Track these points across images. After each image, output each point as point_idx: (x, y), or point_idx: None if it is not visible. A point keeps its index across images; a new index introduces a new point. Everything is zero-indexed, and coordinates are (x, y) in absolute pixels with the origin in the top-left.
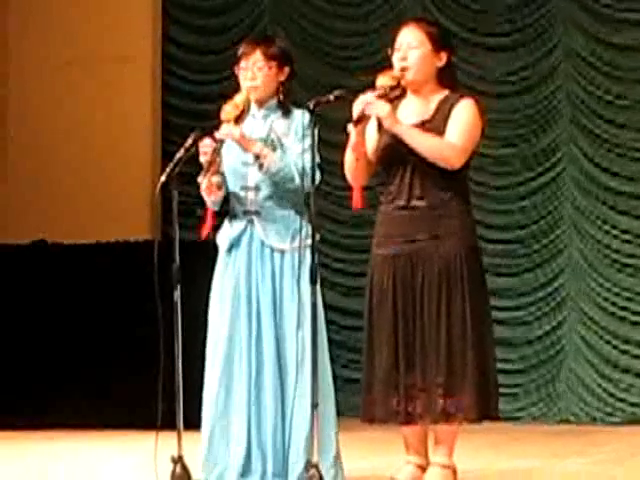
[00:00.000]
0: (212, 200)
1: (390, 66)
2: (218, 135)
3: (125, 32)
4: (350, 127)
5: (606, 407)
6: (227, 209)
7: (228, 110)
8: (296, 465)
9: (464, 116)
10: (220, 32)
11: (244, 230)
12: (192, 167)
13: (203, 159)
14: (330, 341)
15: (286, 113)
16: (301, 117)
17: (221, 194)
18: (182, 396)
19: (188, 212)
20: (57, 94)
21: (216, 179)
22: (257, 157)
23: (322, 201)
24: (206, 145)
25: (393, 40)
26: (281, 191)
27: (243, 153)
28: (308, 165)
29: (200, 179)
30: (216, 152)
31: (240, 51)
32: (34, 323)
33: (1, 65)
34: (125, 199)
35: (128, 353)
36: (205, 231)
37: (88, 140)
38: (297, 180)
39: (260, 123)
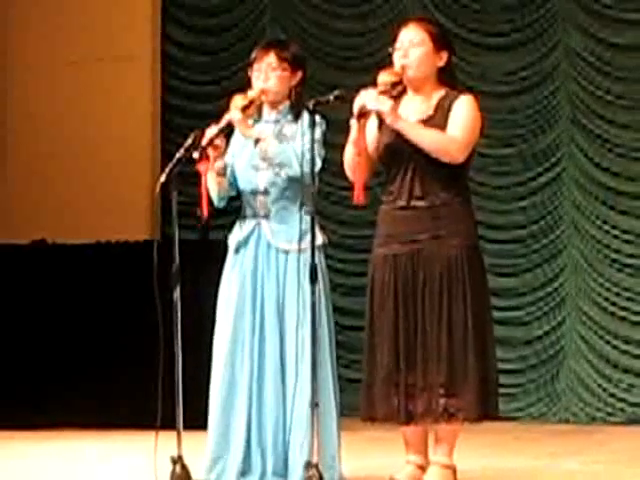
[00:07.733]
0: (218, 195)
1: (391, 65)
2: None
3: (125, 32)
4: (352, 121)
5: (606, 407)
6: (239, 211)
7: (237, 99)
8: (296, 464)
9: (464, 111)
10: (220, 32)
11: (252, 232)
12: (192, 167)
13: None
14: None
15: (296, 117)
16: (308, 119)
17: (225, 186)
18: (182, 396)
19: (188, 212)
20: (57, 94)
21: (218, 164)
22: (257, 142)
23: (324, 201)
24: (212, 132)
25: (394, 38)
26: (289, 193)
27: (253, 157)
28: (309, 156)
29: (196, 155)
30: (219, 132)
31: (254, 54)
32: (34, 323)
33: (1, 65)
34: (125, 199)
35: (128, 353)
36: (204, 209)
37: (88, 140)
38: (295, 167)
39: (270, 127)
